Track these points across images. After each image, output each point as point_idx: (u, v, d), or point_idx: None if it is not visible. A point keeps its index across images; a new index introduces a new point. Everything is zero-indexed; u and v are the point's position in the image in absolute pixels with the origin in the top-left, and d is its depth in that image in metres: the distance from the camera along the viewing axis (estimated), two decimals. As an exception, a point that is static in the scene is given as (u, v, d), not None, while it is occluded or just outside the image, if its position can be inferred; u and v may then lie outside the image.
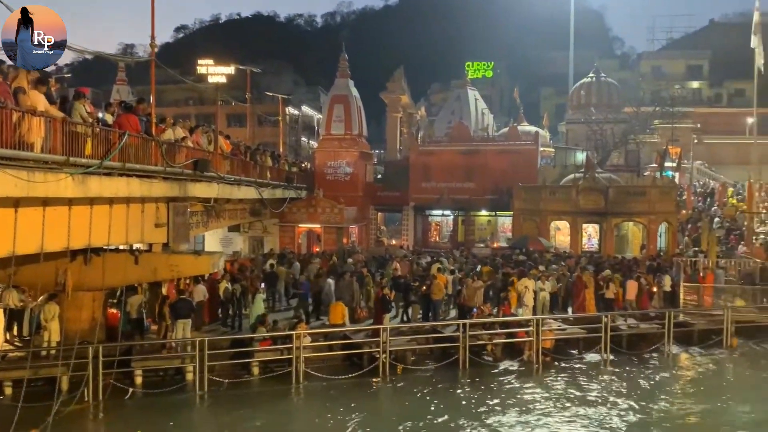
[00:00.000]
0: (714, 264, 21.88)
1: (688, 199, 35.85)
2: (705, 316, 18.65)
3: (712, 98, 60.48)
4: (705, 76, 61.68)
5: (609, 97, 46.34)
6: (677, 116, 46.04)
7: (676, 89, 53.70)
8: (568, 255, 24.61)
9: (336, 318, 16.13)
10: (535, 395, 13.56)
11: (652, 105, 43.94)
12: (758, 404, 13.57)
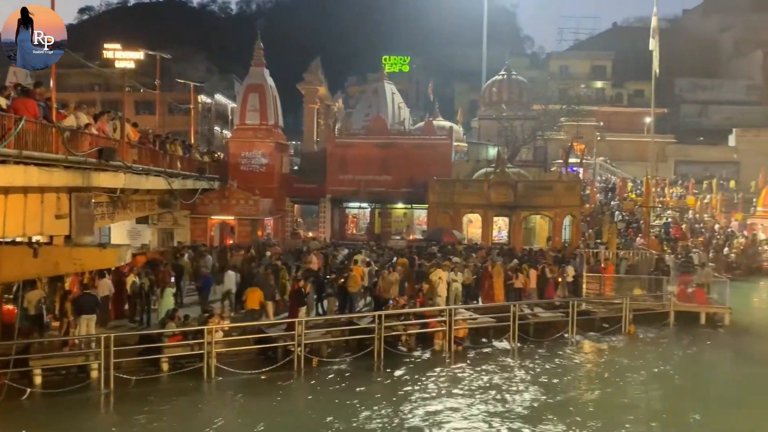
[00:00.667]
0: (614, 255, 23.18)
1: (591, 193, 37.74)
2: (606, 304, 19.76)
3: (614, 98, 63.86)
4: (608, 76, 65.02)
5: (519, 95, 47.96)
6: (582, 114, 48.36)
7: (582, 88, 56.33)
8: (479, 247, 25.36)
9: (253, 303, 15.94)
10: (447, 383, 13.93)
11: (559, 103, 45.85)
12: (651, 386, 14.52)
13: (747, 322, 20.50)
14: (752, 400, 13.60)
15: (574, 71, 64.04)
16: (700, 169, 54.00)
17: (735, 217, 40.74)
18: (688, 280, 21.22)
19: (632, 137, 55.54)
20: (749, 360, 16.96)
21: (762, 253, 32.57)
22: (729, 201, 45.08)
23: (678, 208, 41.08)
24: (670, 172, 52.55)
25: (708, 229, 36.42)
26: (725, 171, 53.30)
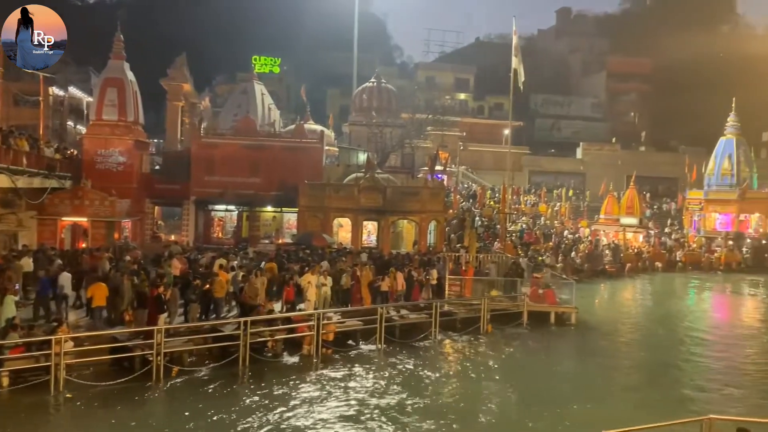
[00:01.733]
0: (474, 258, 24.37)
1: (454, 199, 39.46)
2: (466, 305, 20.74)
3: (476, 110, 67.30)
4: (471, 89, 68.40)
5: (389, 102, 49.04)
6: (447, 124, 50.38)
7: (447, 99, 58.74)
8: (348, 251, 25.59)
9: (100, 300, 15.24)
10: (315, 387, 13.90)
11: (426, 112, 47.47)
12: (507, 381, 15.41)
13: (591, 320, 22.39)
14: (591, 391, 14.86)
15: (439, 82, 66.71)
16: (552, 178, 58.38)
17: (581, 223, 44.37)
18: (539, 281, 22.85)
19: (492, 148, 58.84)
20: (592, 354, 18.53)
21: (604, 257, 35.72)
22: (576, 209, 49.07)
23: (531, 214, 44.07)
24: (525, 181, 56.25)
25: (558, 234, 39.36)
26: (573, 181, 57.95)
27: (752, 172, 44.58)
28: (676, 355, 18.50)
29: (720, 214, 43.24)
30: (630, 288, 32.03)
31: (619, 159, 59.01)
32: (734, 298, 31.10)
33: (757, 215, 42.86)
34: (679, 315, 24.96)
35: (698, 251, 39.29)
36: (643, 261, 37.00)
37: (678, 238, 42.14)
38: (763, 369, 17.44)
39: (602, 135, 66.90)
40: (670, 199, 53.41)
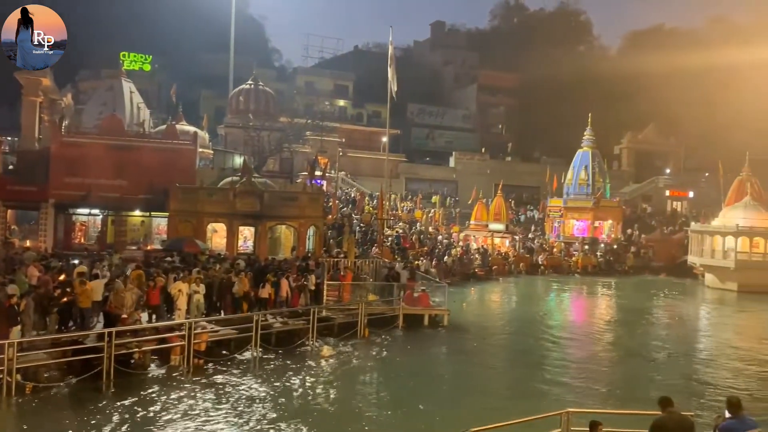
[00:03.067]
0: (352, 264, 24.57)
1: (333, 205, 39.60)
2: (344, 310, 20.86)
3: (355, 117, 68.03)
4: (350, 96, 69.06)
5: (266, 106, 48.30)
6: (326, 130, 50.53)
7: (326, 105, 58.94)
8: (223, 257, 24.86)
9: None
10: (184, 399, 13.36)
11: (304, 117, 47.29)
12: (382, 384, 15.68)
13: (462, 321, 23.35)
14: (461, 390, 15.48)
15: (319, 88, 66.78)
16: (427, 186, 60.24)
17: (453, 229, 46.18)
18: (413, 285, 23.51)
19: (370, 154, 59.79)
20: (462, 354, 19.31)
21: (474, 261, 37.38)
22: (449, 215, 51.00)
23: (408, 220, 45.22)
24: (402, 188, 57.62)
25: (432, 239, 40.68)
26: (447, 188, 60.18)
27: (605, 182, 48.65)
28: (538, 352, 19.74)
29: (577, 221, 46.78)
30: (497, 290, 33.75)
31: (488, 168, 62.11)
32: (589, 298, 33.73)
33: (610, 222, 46.87)
34: (541, 315, 26.64)
35: (558, 255, 42.23)
36: (509, 264, 39.19)
37: (540, 243, 45.03)
38: (615, 363, 19.05)
39: (473, 145, 70.03)
40: (533, 207, 56.97)
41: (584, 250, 42.95)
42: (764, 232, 35.43)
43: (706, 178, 59.51)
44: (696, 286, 37.84)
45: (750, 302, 31.79)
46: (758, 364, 19.15)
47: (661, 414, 7.52)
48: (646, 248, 45.61)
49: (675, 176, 65.01)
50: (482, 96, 76.07)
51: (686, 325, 26.62)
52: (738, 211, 37.07)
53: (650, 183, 63.32)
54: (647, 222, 53.57)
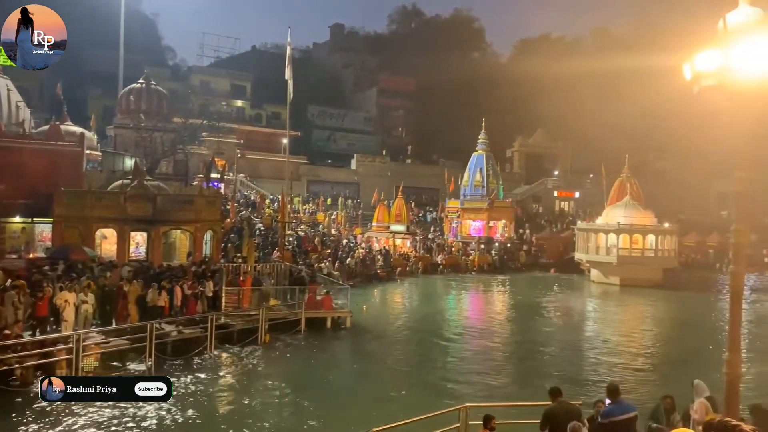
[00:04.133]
0: (252, 268, 24.14)
1: (232, 208, 38.68)
2: (244, 316, 20.44)
3: (254, 118, 66.85)
4: (248, 96, 67.79)
5: (159, 105, 46.36)
6: (223, 131, 49.26)
7: (223, 106, 57.50)
8: (114, 264, 23.65)
9: None
10: (70, 414, 12.60)
11: (200, 118, 45.90)
12: (285, 389, 15.50)
13: (364, 322, 23.51)
14: (362, 391, 15.62)
15: (215, 88, 65.06)
16: (329, 188, 60.23)
17: (356, 231, 46.44)
18: (316, 288, 23.43)
19: (270, 156, 58.94)
20: (364, 355, 19.47)
21: (376, 262, 37.77)
22: (352, 217, 51.22)
23: (310, 223, 45.01)
24: (303, 190, 57.27)
25: (335, 242, 40.71)
26: (349, 190, 60.40)
27: (499, 184, 50.65)
28: (439, 349, 20.26)
29: (474, 221, 48.44)
30: (399, 290, 34.30)
31: (388, 170, 62.99)
32: (486, 295, 34.99)
33: (503, 222, 48.87)
34: (440, 313, 27.37)
35: (456, 255, 43.53)
36: (410, 265, 39.93)
37: (439, 243, 46.21)
38: (511, 357, 19.88)
39: (374, 148, 70.79)
40: (432, 208, 58.38)
41: (480, 249, 44.52)
42: (642, 230, 38.19)
43: (591, 180, 63.35)
44: (583, 281, 40.22)
45: (630, 295, 34.19)
46: (635, 354, 20.63)
47: (551, 404, 7.96)
48: (537, 246, 47.98)
49: (562, 178, 68.80)
50: (382, 99, 77.02)
51: (574, 319, 28.19)
52: (619, 210, 39.74)
53: (540, 184, 66.67)
54: (537, 221, 56.39)
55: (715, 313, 28.54)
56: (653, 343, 22.88)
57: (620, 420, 7.60)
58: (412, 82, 75.87)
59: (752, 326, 24.92)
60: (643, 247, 38.14)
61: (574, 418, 7.39)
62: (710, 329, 24.53)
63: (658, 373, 17.72)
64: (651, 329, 26.07)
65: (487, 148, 50.10)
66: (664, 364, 18.86)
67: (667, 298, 33.14)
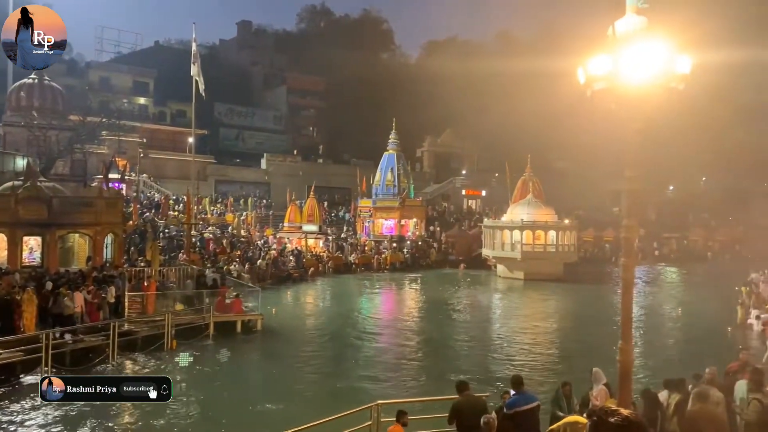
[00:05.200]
0: (156, 272, 23.25)
1: (134, 210, 37.07)
2: (148, 322, 19.64)
3: (158, 115, 64.44)
4: (151, 93, 65.23)
5: (53, 102, 43.78)
6: (124, 129, 47.11)
7: (124, 103, 55.00)
8: (5, 271, 22.09)
9: None
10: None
11: (99, 115, 43.70)
12: (191, 395, 15.04)
13: (277, 325, 23.20)
14: (274, 394, 15.43)
15: (116, 84, 62.19)
16: (237, 188, 58.96)
17: (267, 232, 45.75)
18: (225, 291, 22.88)
19: (176, 156, 56.96)
20: (276, 358, 19.21)
21: (288, 263, 37.37)
22: (262, 217, 50.42)
23: (219, 224, 43.89)
24: (211, 191, 55.75)
25: (244, 243, 39.92)
26: (259, 190, 59.41)
27: (410, 183, 51.43)
28: (352, 349, 20.31)
29: (385, 220, 48.91)
30: (312, 291, 34.10)
31: (300, 170, 62.47)
32: (398, 293, 35.44)
33: (414, 220, 49.65)
34: (353, 312, 27.42)
35: (369, 253, 43.80)
36: (323, 265, 39.80)
37: (352, 242, 46.34)
38: (421, 354, 20.22)
39: (285, 147, 70.01)
40: (345, 208, 58.45)
41: (392, 248, 45.02)
42: (544, 226, 39.91)
43: (497, 178, 65.53)
44: (490, 276, 41.53)
45: (533, 289, 35.64)
46: (538, 346, 21.55)
47: (458, 398, 8.18)
48: (447, 243, 49.10)
49: (470, 177, 70.77)
50: (292, 98, 76.32)
51: (481, 314, 29.07)
52: (522, 208, 41.36)
53: (449, 183, 68.29)
54: (447, 219, 57.68)
55: (612, 304, 30.29)
56: (555, 334, 24.00)
57: (524, 410, 7.92)
58: (322, 81, 75.62)
59: (646, 317, 26.64)
60: (545, 243, 39.86)
61: (479, 411, 7.64)
62: (607, 320, 25.98)
63: (560, 362, 18.59)
64: (553, 321, 27.31)
65: (397, 147, 50.72)
66: (565, 354, 19.79)
67: (567, 291, 34.81)
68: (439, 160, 73.96)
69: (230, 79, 71.66)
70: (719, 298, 29.38)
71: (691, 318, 26.69)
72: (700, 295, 33.76)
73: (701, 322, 25.14)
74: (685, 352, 19.87)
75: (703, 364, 10.39)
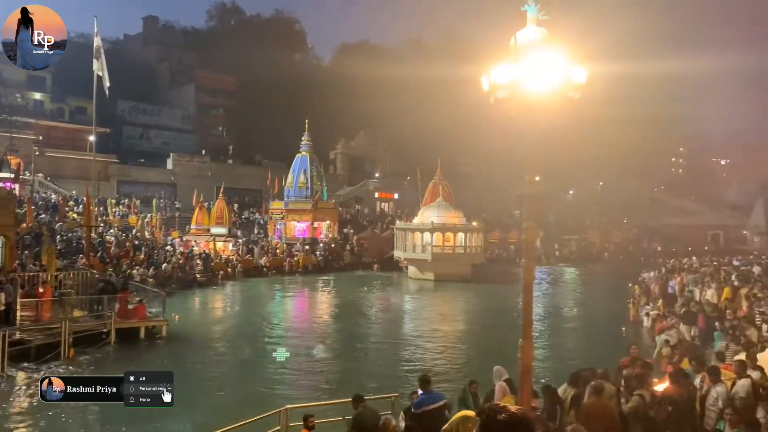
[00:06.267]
0: (52, 278, 21.95)
1: (28, 211, 34.85)
2: (43, 330, 18.49)
3: (55, 112, 60.90)
4: (48, 88, 61.53)
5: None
6: (17, 126, 44.21)
7: (17, 98, 51.58)
8: None
9: None
10: None
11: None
12: (89, 407, 14.30)
13: (183, 330, 22.45)
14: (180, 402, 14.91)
15: (8, 78, 58.14)
16: (142, 189, 56.62)
17: (173, 234, 44.22)
18: (128, 296, 21.91)
19: (75, 155, 54.01)
20: (180, 364, 18.54)
21: (196, 267, 36.28)
22: (168, 219, 48.68)
23: (121, 226, 41.97)
24: (113, 191, 53.26)
25: (149, 246, 38.38)
26: (164, 191, 57.31)
27: (323, 185, 51.29)
28: (262, 353, 19.92)
29: (298, 223, 48.54)
30: (221, 295, 33.28)
31: (209, 171, 60.82)
32: (310, 295, 35.21)
33: (328, 222, 49.59)
34: (263, 316, 26.96)
35: (281, 256, 43.28)
36: (232, 268, 38.91)
37: (263, 245, 45.62)
38: (332, 357, 20.18)
39: (192, 147, 67.94)
40: (256, 210, 57.45)
41: (305, 250, 44.70)
42: (453, 228, 40.90)
43: (408, 182, 66.55)
44: (401, 277, 42.09)
45: (443, 290, 36.45)
46: (447, 345, 22.06)
47: (356, 411, 8.34)
48: (360, 246, 49.32)
49: (383, 180, 71.49)
50: (201, 96, 74.26)
51: (393, 315, 29.39)
52: (433, 210, 42.22)
53: (362, 186, 68.66)
54: (360, 222, 57.97)
55: (516, 304, 31.46)
56: (464, 334, 24.63)
57: (431, 409, 8.09)
58: (233, 81, 74.05)
59: (547, 315, 27.85)
60: (454, 245, 40.86)
61: (377, 421, 7.77)
62: (512, 319, 26.95)
63: (469, 361, 19.09)
64: (462, 321, 28.04)
65: (310, 149, 50.46)
66: (474, 353, 20.36)
67: (475, 291, 35.83)
68: (352, 163, 74.21)
69: (135, 75, 68.67)
70: (615, 296, 31.19)
71: (589, 316, 28.14)
72: (597, 294, 35.72)
73: (599, 320, 26.56)
74: (584, 348, 20.93)
75: (601, 359, 11.01)
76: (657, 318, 20.74)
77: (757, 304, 18.99)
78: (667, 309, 21.79)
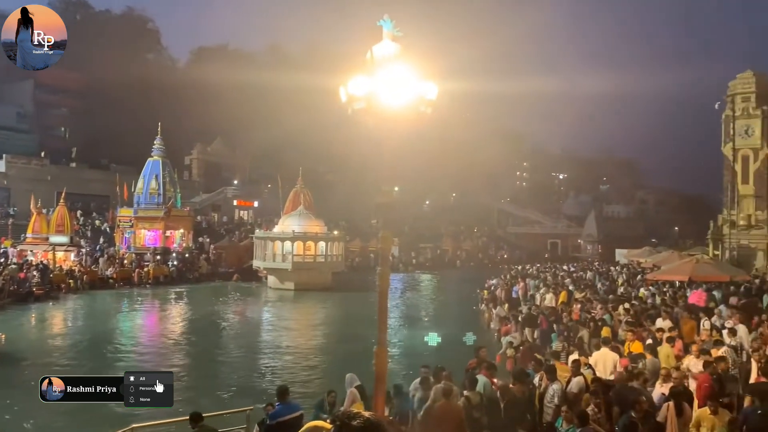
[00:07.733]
0: None
1: None
2: None
3: None
4: None
5: None
6: None
7: None
8: None
9: None
10: None
11: None
12: None
13: (15, 349, 20.35)
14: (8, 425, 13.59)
15: None
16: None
17: (5, 243, 40.16)
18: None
19: None
20: (10, 389, 16.84)
21: (32, 279, 33.17)
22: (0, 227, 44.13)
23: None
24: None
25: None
26: (-5, 197, 51.89)
27: (176, 191, 49.06)
28: (105, 371, 18.53)
29: (149, 231, 45.98)
30: (59, 310, 30.68)
31: (48, 174, 55.91)
32: (162, 308, 33.45)
33: (182, 231, 47.47)
34: (107, 333, 25.11)
35: (129, 267, 40.74)
36: (75, 280, 36.04)
37: (110, 255, 42.72)
38: (185, 372, 19.29)
39: (30, 148, 62.15)
40: (102, 217, 53.67)
41: (156, 261, 42.47)
42: (314, 237, 40.90)
43: (269, 189, 65.66)
44: (261, 287, 41.31)
45: (303, 299, 36.28)
46: (307, 355, 21.99)
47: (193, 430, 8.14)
48: (217, 255, 47.77)
49: (242, 187, 69.92)
50: (41, 94, 68.33)
51: (250, 326, 28.76)
52: (294, 219, 41.94)
53: (219, 193, 66.64)
54: (217, 230, 56.17)
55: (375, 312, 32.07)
56: (323, 342, 24.65)
57: (286, 420, 8.01)
58: (78, 78, 68.82)
59: (405, 321, 28.65)
60: (315, 253, 40.87)
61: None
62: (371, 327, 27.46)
63: (328, 370, 19.11)
64: (321, 330, 28.03)
65: (163, 154, 48.09)
66: (333, 362, 20.40)
67: (335, 300, 36.03)
68: (209, 169, 71.83)
69: (-40, 67, 61.66)
70: (467, 301, 32.80)
71: (443, 321, 29.32)
72: (451, 300, 37.38)
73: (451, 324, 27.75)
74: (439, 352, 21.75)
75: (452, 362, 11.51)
76: (501, 321, 22.05)
77: (590, 306, 20.81)
78: (510, 312, 23.23)
